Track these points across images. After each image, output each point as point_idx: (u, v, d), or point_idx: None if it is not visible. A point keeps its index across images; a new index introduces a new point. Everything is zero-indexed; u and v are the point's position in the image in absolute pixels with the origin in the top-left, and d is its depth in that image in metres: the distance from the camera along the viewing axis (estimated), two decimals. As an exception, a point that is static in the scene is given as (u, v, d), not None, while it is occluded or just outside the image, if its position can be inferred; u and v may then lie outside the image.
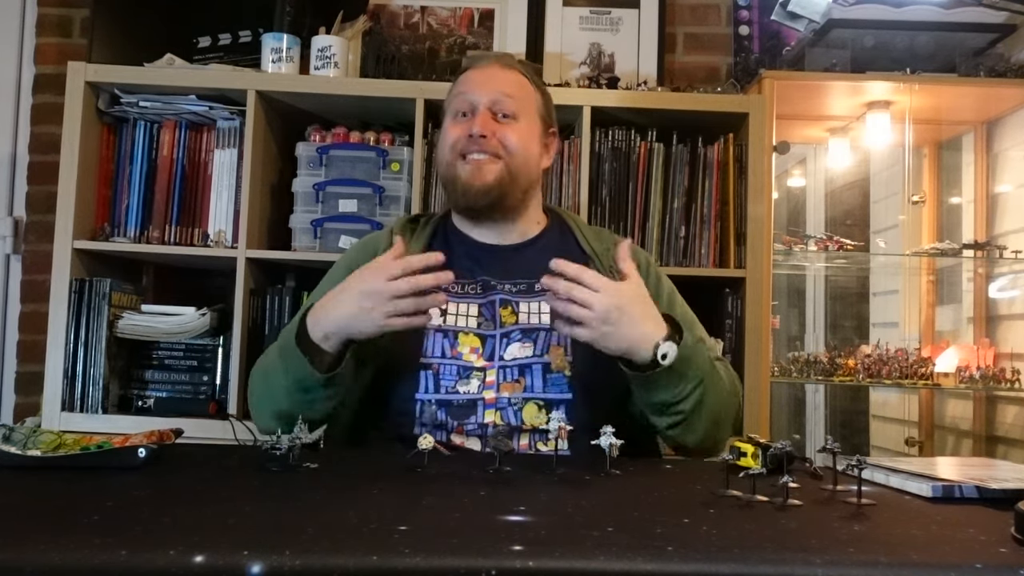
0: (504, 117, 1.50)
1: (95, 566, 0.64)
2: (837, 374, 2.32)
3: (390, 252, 1.31)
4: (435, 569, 0.65)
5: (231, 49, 2.31)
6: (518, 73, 1.56)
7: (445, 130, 1.54)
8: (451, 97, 1.56)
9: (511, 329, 1.42)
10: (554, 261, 1.28)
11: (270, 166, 2.20)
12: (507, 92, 1.51)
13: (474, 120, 1.48)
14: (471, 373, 1.39)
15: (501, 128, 1.49)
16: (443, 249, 1.51)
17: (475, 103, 1.50)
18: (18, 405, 2.48)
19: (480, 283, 1.48)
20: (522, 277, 1.48)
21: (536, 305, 1.45)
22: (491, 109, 1.49)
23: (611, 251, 1.53)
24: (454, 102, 1.54)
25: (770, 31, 2.58)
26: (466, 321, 1.43)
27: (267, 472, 1.03)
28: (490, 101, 1.49)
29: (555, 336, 1.40)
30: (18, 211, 2.53)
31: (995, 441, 2.45)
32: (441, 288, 1.29)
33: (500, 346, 1.41)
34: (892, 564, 0.68)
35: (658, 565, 0.66)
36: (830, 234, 2.48)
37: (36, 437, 1.03)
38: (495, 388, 1.37)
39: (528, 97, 1.55)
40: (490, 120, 1.48)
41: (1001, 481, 0.99)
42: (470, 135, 1.47)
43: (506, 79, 1.53)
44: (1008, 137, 2.46)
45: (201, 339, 2.11)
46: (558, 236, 1.58)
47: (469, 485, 0.98)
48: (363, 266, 1.33)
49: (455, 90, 1.55)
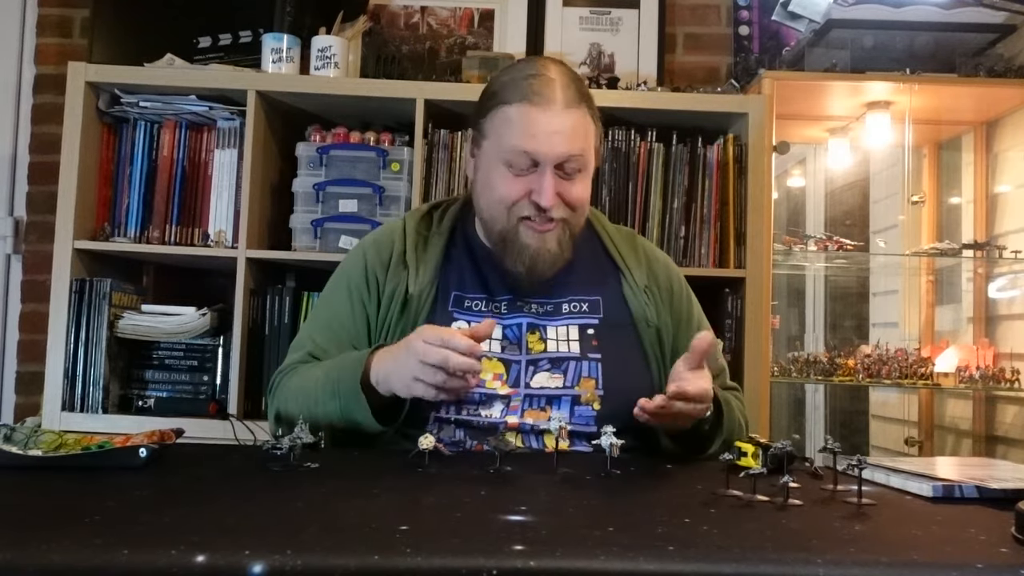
0: (570, 173, 1.34)
1: (95, 566, 0.64)
2: (837, 374, 2.32)
3: (465, 329, 1.24)
4: (436, 569, 0.65)
5: (231, 49, 2.31)
6: (583, 110, 1.35)
7: (496, 177, 1.35)
8: (504, 139, 1.34)
9: (539, 357, 1.36)
10: (640, 410, 1.20)
11: (270, 166, 2.20)
12: (577, 151, 1.33)
13: (540, 184, 1.32)
14: (495, 399, 1.33)
15: (567, 187, 1.34)
16: (463, 257, 1.44)
17: (541, 160, 1.32)
18: (18, 405, 2.48)
19: (505, 303, 1.40)
20: (549, 297, 1.41)
21: (564, 331, 1.38)
22: (560, 167, 1.33)
23: (644, 266, 1.48)
24: (511, 153, 1.33)
25: (770, 31, 2.58)
26: (488, 345, 1.34)
27: (267, 472, 1.03)
28: (560, 159, 1.33)
29: (585, 365, 1.36)
30: (18, 211, 2.53)
31: (995, 441, 2.45)
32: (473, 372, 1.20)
33: (526, 373, 1.35)
34: (892, 564, 0.68)
35: (659, 565, 0.66)
36: (830, 234, 2.47)
37: (37, 437, 1.03)
38: (519, 414, 1.32)
39: (591, 137, 1.38)
40: (557, 183, 1.33)
41: (1001, 481, 0.99)
42: (535, 204, 1.32)
43: (574, 127, 1.33)
44: (1008, 137, 2.46)
45: (201, 339, 2.11)
46: (586, 247, 1.46)
47: (470, 485, 0.98)
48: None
49: (511, 136, 1.33)
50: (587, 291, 1.43)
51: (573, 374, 1.35)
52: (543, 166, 1.32)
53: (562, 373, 1.35)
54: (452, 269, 1.43)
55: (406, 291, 1.39)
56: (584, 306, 1.41)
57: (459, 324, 1.36)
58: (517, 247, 1.36)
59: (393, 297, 1.40)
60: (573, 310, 1.41)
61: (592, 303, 1.42)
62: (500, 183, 1.35)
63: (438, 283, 1.40)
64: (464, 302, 1.40)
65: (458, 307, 1.39)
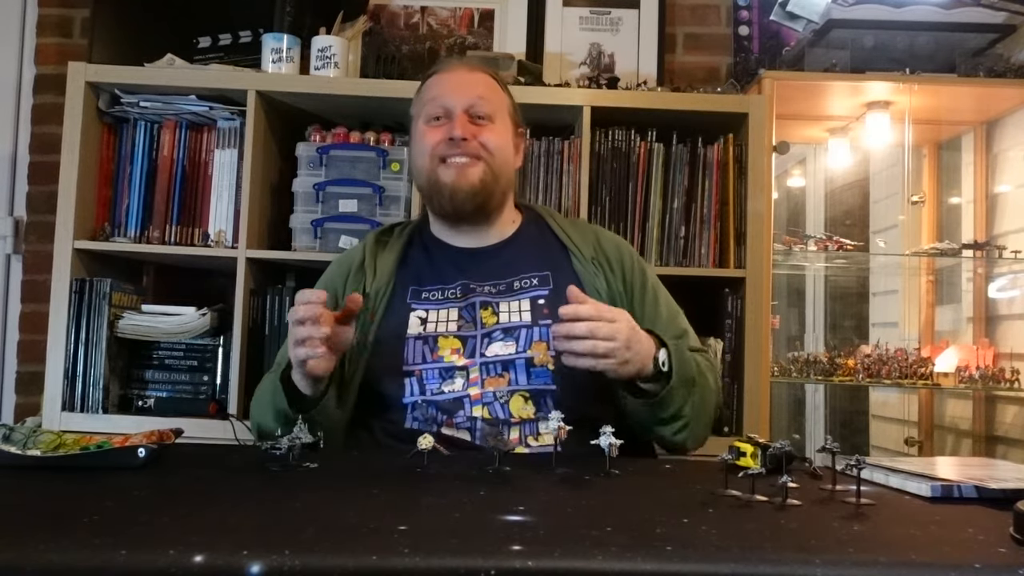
0: (480, 119, 1.50)
1: (95, 566, 0.64)
2: (837, 374, 2.32)
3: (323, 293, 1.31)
4: (435, 569, 0.65)
5: (231, 49, 2.31)
6: (487, 75, 1.57)
7: (419, 135, 1.53)
8: (422, 102, 1.55)
9: (492, 329, 1.43)
10: (566, 304, 1.27)
11: (270, 166, 2.20)
12: (481, 94, 1.51)
13: (452, 124, 1.48)
14: (454, 373, 1.39)
15: (480, 130, 1.49)
16: (420, 256, 1.56)
17: (450, 107, 1.50)
18: (18, 405, 2.48)
19: (459, 287, 1.49)
20: (501, 278, 1.50)
21: (516, 304, 1.45)
22: (467, 112, 1.49)
23: (592, 243, 1.56)
24: (427, 107, 1.52)
25: (770, 31, 2.58)
26: (446, 326, 1.44)
27: (267, 472, 1.04)
28: (466, 104, 1.50)
29: (536, 331, 1.41)
30: (18, 211, 2.53)
31: (994, 441, 2.45)
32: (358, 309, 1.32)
33: (481, 345, 1.41)
34: (891, 564, 0.68)
35: (658, 565, 0.67)
36: (830, 234, 2.47)
37: (36, 437, 1.04)
38: (479, 384, 1.38)
39: (499, 98, 1.55)
40: (468, 123, 1.49)
41: (1000, 481, 0.99)
42: (450, 139, 1.47)
43: (477, 81, 1.54)
44: (1008, 137, 2.46)
45: (201, 339, 2.11)
46: (535, 232, 1.59)
47: (469, 485, 0.98)
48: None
49: (426, 95, 1.54)
50: (537, 267, 1.51)
51: (525, 340, 1.41)
52: (454, 111, 1.49)
53: (514, 340, 1.41)
54: (409, 268, 1.54)
55: (363, 292, 1.48)
56: (535, 280, 1.49)
57: (417, 314, 1.45)
58: (439, 186, 1.49)
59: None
60: (524, 286, 1.48)
61: (542, 277, 1.49)
62: (422, 137, 1.52)
63: (395, 282, 1.50)
64: (421, 294, 1.49)
65: (416, 299, 1.48)
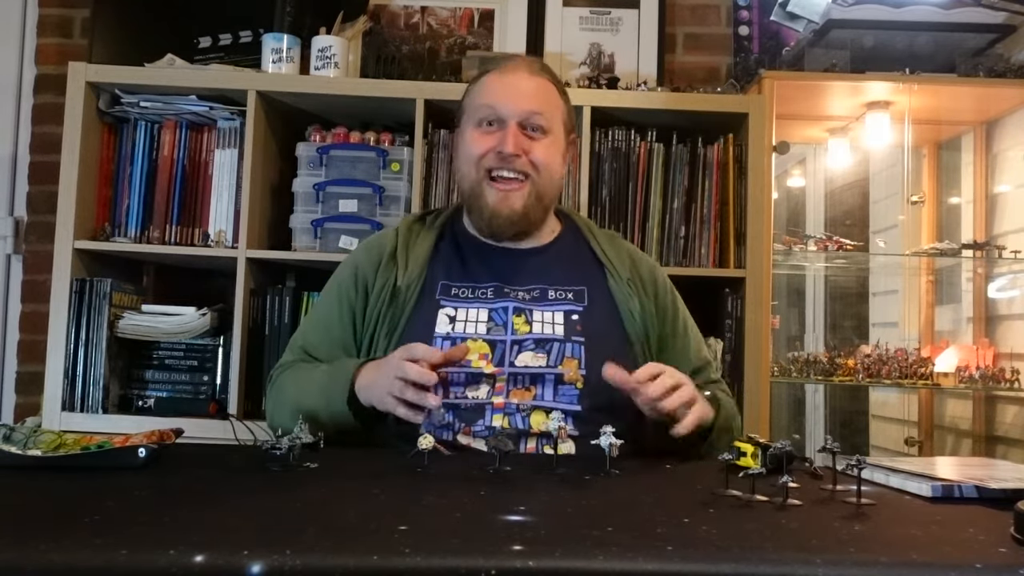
0: (534, 131, 1.44)
1: (95, 566, 0.64)
2: (837, 374, 2.32)
3: (440, 352, 1.28)
4: (435, 569, 0.65)
5: (231, 49, 2.32)
6: (547, 81, 1.49)
7: (468, 138, 1.47)
8: (475, 103, 1.48)
9: (524, 338, 1.39)
10: (609, 373, 1.26)
11: (270, 166, 2.20)
12: (537, 108, 1.45)
13: (504, 135, 1.43)
14: (481, 378, 1.37)
15: (532, 145, 1.44)
16: (452, 250, 1.52)
17: (504, 116, 1.44)
18: (18, 405, 2.48)
19: (492, 288, 1.45)
20: (535, 284, 1.46)
21: (551, 315, 1.42)
22: (521, 123, 1.44)
23: (627, 263, 1.54)
24: (480, 110, 1.46)
25: (770, 31, 2.58)
26: (475, 328, 1.40)
27: (267, 472, 1.04)
28: (521, 115, 1.44)
29: (569, 347, 1.39)
30: (19, 211, 2.53)
31: (995, 441, 2.45)
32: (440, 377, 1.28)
33: (511, 352, 1.38)
34: (892, 564, 0.68)
35: (658, 565, 0.67)
36: (830, 234, 2.47)
37: (36, 437, 1.03)
38: (504, 394, 1.36)
39: (556, 107, 1.49)
40: (520, 137, 1.43)
41: (1000, 481, 0.99)
42: (499, 152, 1.42)
43: (536, 89, 1.47)
44: (1007, 137, 2.46)
45: (201, 339, 2.11)
46: (572, 242, 1.56)
47: (469, 485, 0.98)
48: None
49: (480, 97, 1.47)
50: (572, 281, 1.48)
51: (557, 354, 1.39)
52: (507, 122, 1.43)
53: (546, 353, 1.39)
54: (440, 262, 1.50)
55: (395, 284, 1.45)
56: (569, 295, 1.46)
57: (446, 311, 1.42)
58: (481, 203, 1.46)
59: (382, 291, 1.46)
60: (559, 297, 1.46)
61: (577, 292, 1.47)
62: (470, 141, 1.46)
63: (426, 275, 1.47)
64: (451, 290, 1.46)
65: (445, 295, 1.45)
